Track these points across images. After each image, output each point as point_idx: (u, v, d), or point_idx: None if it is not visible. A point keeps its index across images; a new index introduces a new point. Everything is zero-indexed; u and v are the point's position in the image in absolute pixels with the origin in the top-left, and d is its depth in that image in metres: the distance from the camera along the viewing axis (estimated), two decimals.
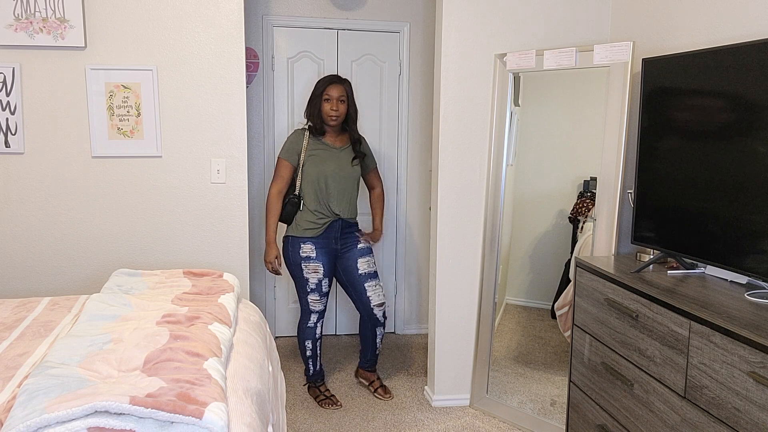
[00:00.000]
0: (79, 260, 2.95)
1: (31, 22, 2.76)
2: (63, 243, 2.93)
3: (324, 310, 3.16)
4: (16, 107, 2.81)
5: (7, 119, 2.81)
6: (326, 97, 3.00)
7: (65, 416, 1.36)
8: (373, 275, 3.16)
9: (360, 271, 3.13)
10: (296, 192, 3.07)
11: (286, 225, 3.20)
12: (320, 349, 3.23)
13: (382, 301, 3.18)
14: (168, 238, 3.01)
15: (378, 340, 3.26)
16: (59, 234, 2.93)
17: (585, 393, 2.42)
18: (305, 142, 3.05)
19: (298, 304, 4.14)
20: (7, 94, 2.80)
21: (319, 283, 3.07)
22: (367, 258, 3.15)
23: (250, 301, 3.70)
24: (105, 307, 2.13)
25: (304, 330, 3.15)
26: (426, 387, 3.33)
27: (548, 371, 2.98)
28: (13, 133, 2.83)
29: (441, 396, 3.18)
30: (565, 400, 2.78)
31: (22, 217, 2.89)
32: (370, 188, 3.35)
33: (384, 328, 3.24)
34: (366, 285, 3.14)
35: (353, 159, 3.09)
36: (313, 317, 3.14)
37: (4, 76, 2.79)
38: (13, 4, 2.74)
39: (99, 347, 1.77)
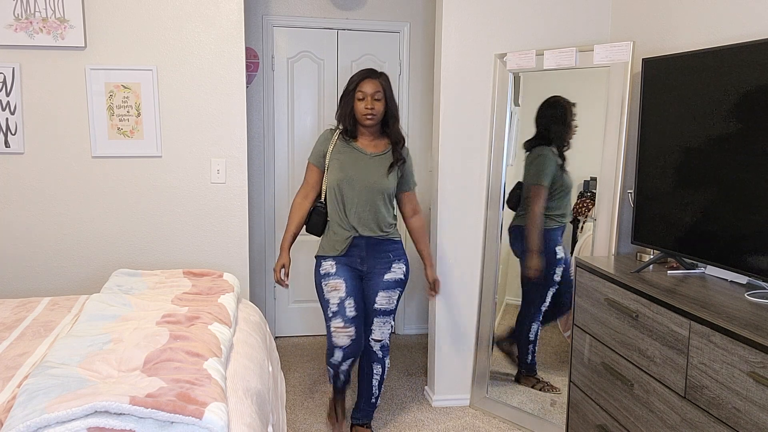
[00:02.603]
0: (79, 260, 2.95)
1: (31, 22, 2.76)
2: (63, 243, 2.93)
3: (353, 346, 2.58)
4: (16, 107, 2.81)
5: (7, 119, 2.81)
6: (359, 95, 2.55)
7: (65, 416, 1.36)
8: (388, 312, 2.69)
9: (376, 305, 2.66)
10: (322, 199, 2.68)
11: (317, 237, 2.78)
12: (345, 384, 2.74)
13: (381, 339, 2.71)
14: (168, 238, 3.01)
15: (374, 383, 2.75)
16: (59, 234, 2.92)
17: (585, 393, 2.42)
18: (333, 144, 2.63)
19: (299, 304, 4.15)
20: (7, 94, 2.80)
21: (341, 304, 2.56)
22: (390, 293, 2.66)
23: (250, 301, 3.70)
24: (105, 307, 2.13)
25: (328, 363, 2.67)
26: (426, 387, 3.33)
27: (548, 371, 2.98)
28: (13, 133, 2.83)
29: (441, 396, 3.18)
30: (565, 400, 2.78)
31: (22, 217, 2.89)
32: (405, 216, 2.77)
33: (383, 368, 2.75)
34: (375, 320, 2.68)
35: (389, 167, 2.61)
36: (337, 354, 2.58)
37: (4, 76, 2.79)
38: (13, 4, 2.74)
39: (99, 347, 1.77)
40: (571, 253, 2.90)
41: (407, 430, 2.91)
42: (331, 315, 2.58)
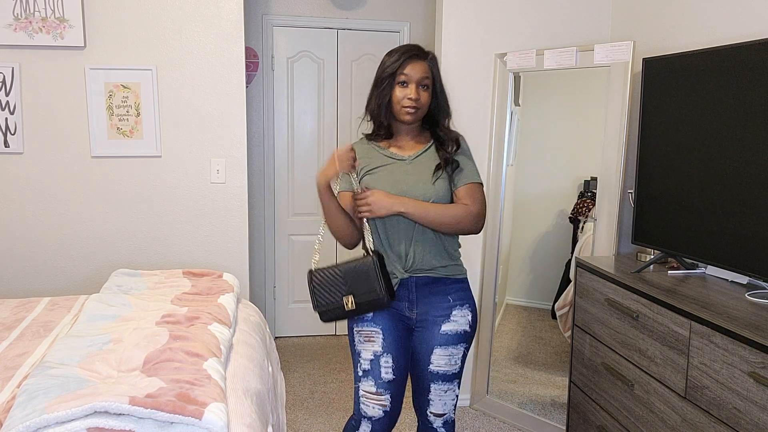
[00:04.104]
0: (79, 260, 2.95)
1: (30, 22, 2.76)
2: (63, 243, 2.93)
3: (385, 419, 1.90)
4: (15, 107, 2.81)
5: (6, 119, 2.81)
6: (402, 78, 1.89)
7: (65, 416, 1.36)
8: (450, 377, 1.94)
9: (431, 367, 1.92)
10: (371, 246, 1.89)
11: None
12: None
13: (443, 413, 1.96)
14: (168, 238, 3.01)
15: None
16: (59, 234, 2.92)
17: (585, 393, 2.42)
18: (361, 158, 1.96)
19: (298, 304, 4.14)
20: (7, 94, 2.80)
21: (375, 361, 1.88)
22: (450, 350, 1.91)
23: (250, 301, 3.70)
24: (104, 307, 2.13)
25: None
26: None
27: (548, 371, 2.98)
28: (13, 132, 2.82)
29: None
30: (566, 401, 2.78)
31: (21, 217, 2.89)
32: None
33: None
34: (432, 386, 1.94)
35: (435, 170, 1.89)
36: (364, 427, 1.90)
37: (4, 76, 2.79)
38: (12, 4, 2.74)
39: (98, 347, 1.77)
40: (572, 253, 2.90)
41: (407, 430, 2.91)
42: (360, 374, 1.91)
